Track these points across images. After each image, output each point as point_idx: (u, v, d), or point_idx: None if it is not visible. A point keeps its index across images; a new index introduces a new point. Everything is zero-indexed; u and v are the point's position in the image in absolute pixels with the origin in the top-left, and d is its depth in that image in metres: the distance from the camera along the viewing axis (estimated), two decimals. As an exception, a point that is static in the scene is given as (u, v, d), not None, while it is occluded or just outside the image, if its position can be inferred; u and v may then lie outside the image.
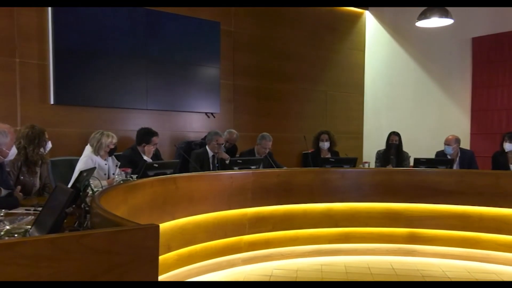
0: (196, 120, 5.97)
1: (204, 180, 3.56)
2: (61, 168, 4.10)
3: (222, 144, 4.84)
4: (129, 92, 5.31)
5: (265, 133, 5.11)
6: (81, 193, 2.42)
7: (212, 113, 6.03)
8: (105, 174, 3.96)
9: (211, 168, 4.70)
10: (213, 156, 4.80)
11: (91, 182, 2.75)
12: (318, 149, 5.59)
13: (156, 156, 4.57)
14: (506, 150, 4.83)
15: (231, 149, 5.50)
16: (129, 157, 4.28)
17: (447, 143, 5.11)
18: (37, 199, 3.22)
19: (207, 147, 4.80)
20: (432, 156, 5.23)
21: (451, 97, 6.95)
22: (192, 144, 5.44)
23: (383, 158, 5.47)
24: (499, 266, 3.94)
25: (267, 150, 5.05)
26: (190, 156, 4.68)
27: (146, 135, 4.39)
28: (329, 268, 3.87)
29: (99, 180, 3.14)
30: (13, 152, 3.15)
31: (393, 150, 5.43)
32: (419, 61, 7.27)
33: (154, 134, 4.40)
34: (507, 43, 6.39)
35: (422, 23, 5.20)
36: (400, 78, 7.48)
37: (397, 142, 5.44)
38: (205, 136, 5.14)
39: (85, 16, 4.89)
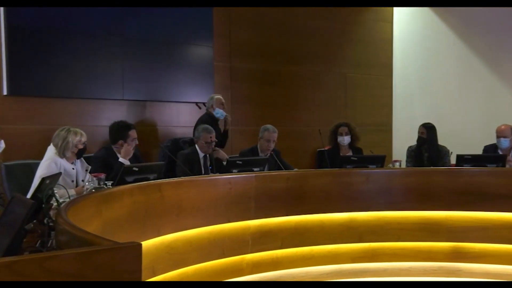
0: (185, 112, 5.97)
1: (196, 186, 3.57)
2: (18, 174, 4.10)
3: (212, 142, 4.78)
4: (101, 79, 5.30)
5: (268, 125, 5.09)
6: (43, 205, 2.42)
7: (204, 103, 6.02)
8: (72, 181, 3.96)
9: (203, 172, 4.70)
10: (205, 156, 4.80)
11: (55, 191, 2.76)
12: (336, 146, 5.57)
13: (135, 157, 4.56)
14: None
15: (223, 135, 5.49)
16: (102, 159, 4.29)
17: (501, 134, 5.03)
18: (-11, 214, 3.22)
19: (196, 146, 4.79)
20: (479, 151, 5.22)
21: (502, 78, 6.91)
22: (180, 142, 5.44)
23: (415, 156, 5.45)
24: None
25: (272, 146, 5.01)
26: (177, 157, 4.68)
27: (121, 130, 4.40)
28: (352, 293, 3.87)
29: (66, 189, 3.14)
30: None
31: (426, 145, 5.37)
32: (460, 34, 7.23)
33: (131, 126, 4.43)
34: None
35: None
36: (438, 56, 7.45)
37: (425, 136, 5.39)
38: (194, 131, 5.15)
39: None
